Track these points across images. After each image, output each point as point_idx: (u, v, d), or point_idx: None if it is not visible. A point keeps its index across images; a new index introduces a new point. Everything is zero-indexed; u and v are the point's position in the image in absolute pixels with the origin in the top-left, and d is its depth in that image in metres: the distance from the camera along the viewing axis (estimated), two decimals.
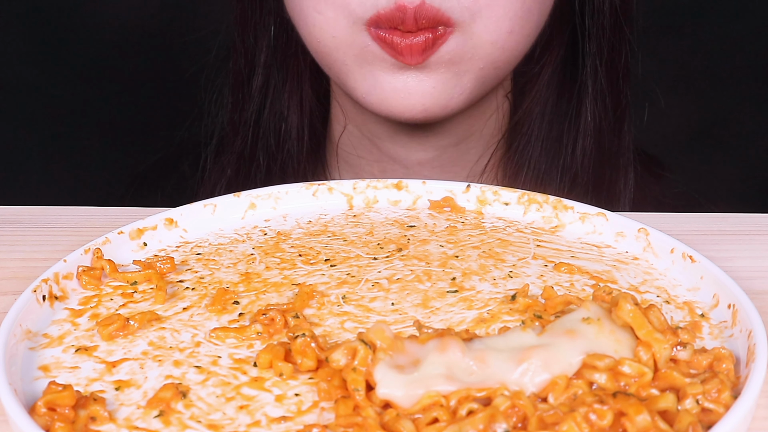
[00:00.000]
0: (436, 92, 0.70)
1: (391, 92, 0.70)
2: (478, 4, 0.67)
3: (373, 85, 0.70)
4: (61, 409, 0.38)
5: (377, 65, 0.70)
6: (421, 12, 0.66)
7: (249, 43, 0.82)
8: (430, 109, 0.70)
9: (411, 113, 0.71)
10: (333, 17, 0.69)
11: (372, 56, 0.69)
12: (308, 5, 0.70)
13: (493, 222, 0.57)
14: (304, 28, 0.72)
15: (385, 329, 0.40)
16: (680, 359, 0.41)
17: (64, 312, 0.47)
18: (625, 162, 0.81)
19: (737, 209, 0.60)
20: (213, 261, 0.52)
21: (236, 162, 0.84)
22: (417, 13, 0.66)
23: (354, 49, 0.70)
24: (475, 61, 0.70)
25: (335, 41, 0.70)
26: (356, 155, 0.83)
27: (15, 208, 0.60)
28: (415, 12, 0.66)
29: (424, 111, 0.70)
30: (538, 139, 0.79)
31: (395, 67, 0.69)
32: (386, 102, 0.71)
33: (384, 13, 0.67)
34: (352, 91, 0.73)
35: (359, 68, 0.71)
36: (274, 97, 0.82)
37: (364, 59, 0.70)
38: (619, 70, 0.79)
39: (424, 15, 0.66)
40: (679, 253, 0.50)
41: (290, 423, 0.39)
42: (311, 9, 0.70)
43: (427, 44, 0.67)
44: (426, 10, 0.66)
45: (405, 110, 0.70)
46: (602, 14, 0.77)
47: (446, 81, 0.70)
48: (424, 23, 0.67)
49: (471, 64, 0.70)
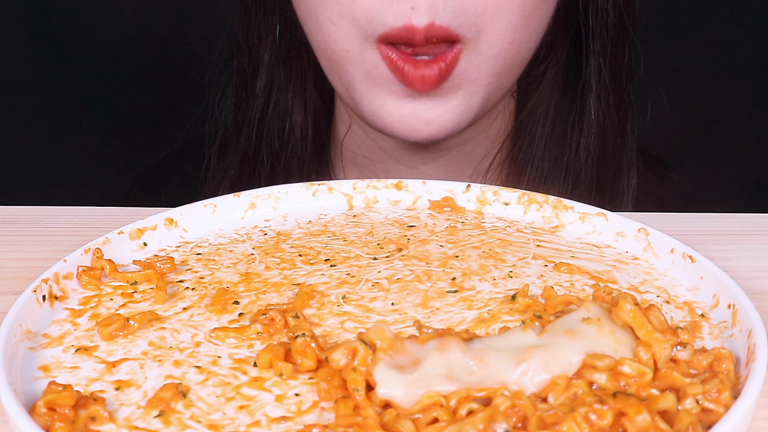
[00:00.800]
0: (443, 120, 0.70)
1: (397, 117, 0.70)
2: (483, 19, 0.67)
3: (380, 107, 0.70)
4: (61, 409, 0.38)
5: (385, 87, 0.69)
6: (432, 32, 0.66)
7: (253, 42, 0.82)
8: (436, 135, 0.70)
9: (416, 138, 0.71)
10: (347, 30, 0.69)
11: (381, 78, 0.69)
12: (323, 15, 0.69)
13: (493, 222, 0.57)
14: (318, 35, 0.72)
15: (385, 329, 0.40)
16: (680, 359, 0.41)
17: (64, 312, 0.47)
18: (628, 161, 0.81)
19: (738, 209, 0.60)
20: (213, 261, 0.52)
21: (240, 162, 0.84)
22: (427, 32, 0.66)
23: (364, 66, 0.69)
24: (481, 79, 0.70)
25: (349, 54, 0.70)
26: (361, 155, 0.83)
27: (15, 208, 0.60)
28: (425, 32, 0.66)
29: (429, 136, 0.70)
30: (542, 137, 0.79)
31: (404, 93, 0.69)
32: (391, 126, 0.70)
33: (392, 33, 0.66)
34: (357, 107, 0.72)
35: (367, 87, 0.70)
36: (278, 97, 0.82)
37: (373, 79, 0.69)
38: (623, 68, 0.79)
39: (435, 34, 0.66)
40: (679, 253, 0.50)
41: (290, 423, 0.39)
42: (326, 20, 0.69)
43: (441, 75, 0.67)
44: (436, 29, 0.66)
45: (410, 135, 0.70)
46: (606, 13, 0.77)
47: (455, 108, 0.70)
48: (434, 41, 0.66)
49: (478, 84, 0.70)
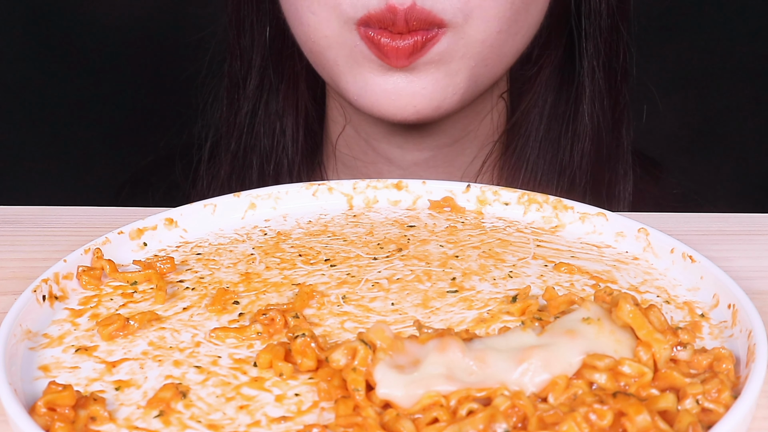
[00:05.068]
0: (428, 93, 0.69)
1: (381, 94, 0.70)
2: (469, 6, 0.67)
3: (364, 87, 0.70)
4: (61, 409, 0.38)
5: (366, 66, 0.69)
6: (412, 14, 0.65)
7: (244, 44, 0.82)
8: (422, 110, 0.70)
9: (402, 115, 0.70)
10: (326, 17, 0.69)
11: (361, 56, 0.69)
12: (302, 6, 0.70)
13: (493, 222, 0.57)
14: (299, 28, 0.72)
15: (385, 329, 0.40)
16: (680, 359, 0.41)
17: (64, 312, 0.47)
18: (623, 164, 0.81)
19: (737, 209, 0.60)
20: (213, 261, 0.52)
21: (230, 163, 0.84)
22: (408, 14, 0.65)
23: (344, 49, 0.69)
24: (467, 59, 0.69)
25: (327, 41, 0.70)
26: (352, 156, 0.83)
27: (15, 208, 0.60)
28: (405, 13, 0.65)
29: (416, 113, 0.70)
30: (535, 140, 0.79)
31: (383, 69, 0.69)
32: (377, 104, 0.70)
33: (374, 14, 0.66)
34: (344, 93, 0.73)
35: (350, 69, 0.70)
36: (269, 98, 0.82)
37: (354, 60, 0.70)
38: (617, 70, 0.79)
39: (416, 17, 0.66)
40: (679, 253, 0.50)
41: (290, 423, 0.39)
42: (305, 9, 0.70)
43: (416, 47, 0.67)
44: (417, 11, 0.65)
45: (396, 112, 0.70)
46: (599, 15, 0.77)
47: (437, 81, 0.69)
48: (415, 25, 0.66)
49: (463, 63, 0.70)
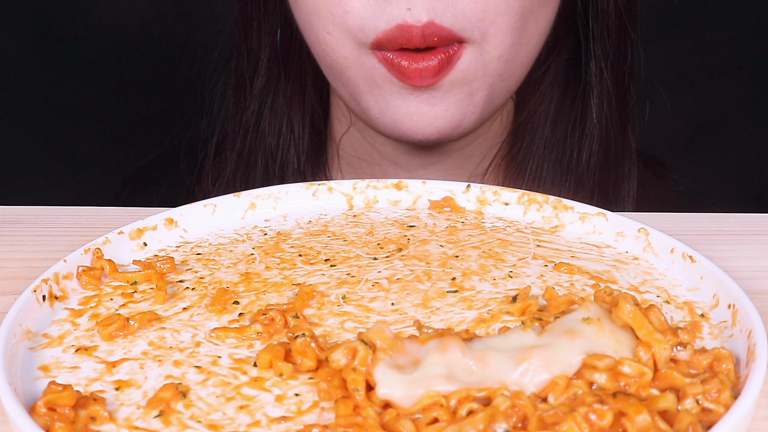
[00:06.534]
0: (449, 114, 0.69)
1: (404, 116, 0.69)
2: (485, 22, 0.66)
3: (385, 108, 0.70)
4: (61, 409, 0.38)
5: (386, 88, 0.69)
6: (431, 30, 0.64)
7: (251, 43, 0.81)
8: (443, 130, 0.70)
9: (423, 135, 0.70)
10: (341, 38, 0.68)
11: (381, 79, 0.68)
12: (318, 25, 0.69)
13: (493, 222, 0.57)
14: (316, 45, 0.72)
15: (385, 329, 0.40)
16: (680, 359, 0.41)
17: (64, 312, 0.47)
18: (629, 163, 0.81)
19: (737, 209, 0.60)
20: (213, 261, 0.52)
21: (235, 161, 0.84)
22: (425, 30, 0.64)
23: (363, 71, 0.69)
24: (486, 77, 0.69)
25: (347, 61, 0.69)
26: (357, 157, 0.83)
27: (15, 208, 0.60)
28: (423, 30, 0.64)
29: (437, 132, 0.70)
30: (542, 139, 0.79)
31: (405, 91, 0.68)
32: (400, 125, 0.70)
33: (386, 36, 0.65)
34: (365, 112, 0.72)
35: (370, 90, 0.70)
36: (276, 97, 0.82)
37: (374, 82, 0.69)
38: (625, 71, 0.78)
39: (436, 33, 0.65)
40: (679, 253, 0.50)
41: (290, 423, 0.39)
42: (321, 29, 0.69)
43: (441, 66, 0.66)
44: (436, 28, 0.64)
45: (418, 132, 0.70)
46: (607, 16, 0.76)
47: (459, 102, 0.69)
48: (435, 41, 0.65)
49: (482, 81, 0.69)
